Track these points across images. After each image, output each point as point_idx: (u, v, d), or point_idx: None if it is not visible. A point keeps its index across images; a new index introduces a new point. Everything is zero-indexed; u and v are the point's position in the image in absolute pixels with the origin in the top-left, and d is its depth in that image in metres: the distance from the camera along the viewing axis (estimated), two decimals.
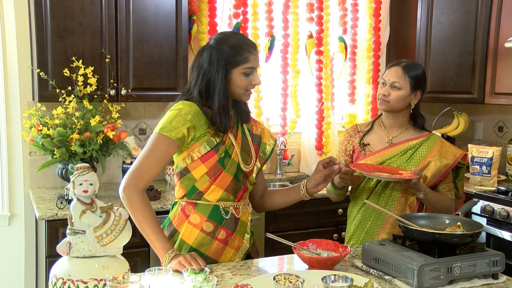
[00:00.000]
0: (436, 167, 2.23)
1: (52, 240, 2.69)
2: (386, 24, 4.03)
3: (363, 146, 2.35)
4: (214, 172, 1.92)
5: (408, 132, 2.33)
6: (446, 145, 2.31)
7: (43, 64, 2.90)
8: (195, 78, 1.95)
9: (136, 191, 1.82)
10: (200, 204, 1.96)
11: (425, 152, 2.27)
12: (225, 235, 1.97)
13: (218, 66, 1.90)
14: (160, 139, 1.86)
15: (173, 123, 1.85)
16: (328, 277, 1.59)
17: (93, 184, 1.48)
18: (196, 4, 3.41)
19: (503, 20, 3.49)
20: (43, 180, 3.27)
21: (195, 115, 1.88)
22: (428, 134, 2.33)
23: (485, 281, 1.75)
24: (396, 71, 2.27)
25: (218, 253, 1.96)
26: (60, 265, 1.47)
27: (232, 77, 1.93)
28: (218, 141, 1.92)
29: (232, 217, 1.98)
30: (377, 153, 2.30)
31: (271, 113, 3.89)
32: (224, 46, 1.92)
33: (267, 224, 3.20)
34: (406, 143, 2.29)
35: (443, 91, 3.76)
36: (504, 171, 3.72)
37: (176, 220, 1.99)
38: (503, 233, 3.07)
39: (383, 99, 2.28)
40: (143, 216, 1.82)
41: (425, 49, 3.77)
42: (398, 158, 2.26)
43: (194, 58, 1.99)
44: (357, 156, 2.35)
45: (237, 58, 1.91)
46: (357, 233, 2.33)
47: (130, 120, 3.47)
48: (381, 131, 2.37)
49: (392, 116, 2.33)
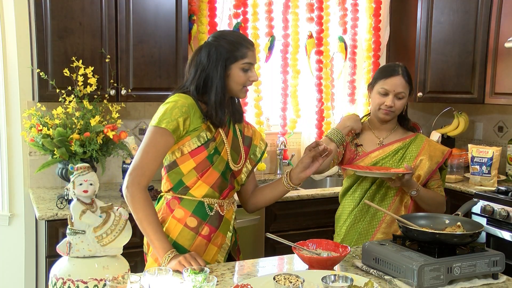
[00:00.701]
0: (427, 165, 2.27)
1: (52, 240, 2.69)
2: (386, 24, 4.03)
3: (356, 146, 2.36)
4: (202, 168, 1.93)
5: (397, 133, 2.37)
6: (433, 143, 2.36)
7: (43, 64, 2.90)
8: (193, 75, 1.95)
9: (139, 189, 1.83)
10: (185, 199, 1.96)
11: (415, 151, 2.30)
12: (208, 232, 1.97)
13: (217, 61, 1.92)
14: (158, 132, 1.85)
15: (172, 114, 1.86)
16: (328, 277, 1.59)
17: (93, 184, 1.48)
18: (196, 4, 3.41)
19: (503, 20, 3.49)
20: (43, 180, 3.27)
21: (190, 108, 1.89)
22: (414, 135, 2.37)
23: (485, 281, 1.75)
24: (400, 81, 2.25)
25: (201, 249, 1.96)
26: (60, 265, 1.47)
27: (231, 72, 1.94)
28: (209, 137, 1.92)
29: (216, 214, 1.99)
30: (370, 153, 2.32)
31: (271, 113, 3.89)
32: (222, 42, 1.94)
33: (267, 224, 3.20)
34: (396, 144, 2.32)
35: (443, 91, 3.76)
36: (504, 171, 3.72)
37: (161, 214, 1.98)
38: (503, 233, 3.07)
39: (389, 110, 2.27)
40: (145, 215, 1.82)
41: (425, 49, 3.77)
42: (390, 159, 2.29)
43: (191, 57, 2.00)
44: (349, 156, 2.36)
45: (236, 54, 1.93)
46: (349, 235, 2.33)
47: (130, 120, 3.47)
48: (370, 132, 2.39)
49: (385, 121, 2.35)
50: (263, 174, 3.81)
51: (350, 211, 2.34)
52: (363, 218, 2.30)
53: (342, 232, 2.36)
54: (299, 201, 3.28)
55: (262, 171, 3.77)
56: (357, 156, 2.34)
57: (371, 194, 2.30)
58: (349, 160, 2.36)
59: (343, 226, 2.36)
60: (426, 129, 4.16)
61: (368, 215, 2.29)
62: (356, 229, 2.32)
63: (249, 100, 3.65)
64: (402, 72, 2.27)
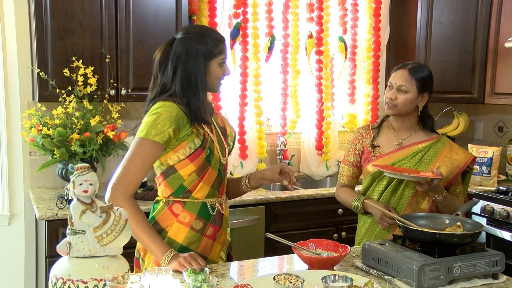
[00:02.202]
0: (446, 171, 2.21)
1: (52, 240, 2.69)
2: (386, 24, 4.03)
3: (373, 147, 2.33)
4: (202, 170, 1.93)
5: (418, 134, 2.31)
6: (455, 148, 2.30)
7: (43, 64, 2.90)
8: (171, 72, 1.93)
9: (125, 198, 1.81)
10: (188, 202, 1.95)
11: (435, 155, 2.25)
12: (213, 231, 1.98)
13: (198, 58, 1.91)
14: (145, 144, 1.83)
15: (158, 126, 1.83)
16: (328, 277, 1.59)
17: (93, 184, 1.47)
18: (196, 4, 3.41)
19: (503, 20, 3.49)
20: (43, 180, 3.27)
21: (177, 116, 1.87)
22: (437, 137, 2.31)
23: (485, 281, 1.75)
24: (402, 74, 2.25)
25: (207, 249, 1.97)
26: (60, 265, 1.47)
27: (210, 68, 1.95)
28: (202, 139, 1.92)
29: (218, 213, 2.00)
30: (387, 155, 2.28)
31: (271, 113, 3.89)
32: (199, 38, 1.93)
33: (267, 224, 3.20)
34: (415, 146, 2.27)
35: (443, 91, 3.76)
36: (504, 171, 3.72)
37: (163, 219, 1.96)
38: (503, 233, 3.07)
39: (391, 103, 2.26)
40: (135, 223, 1.80)
41: (425, 49, 3.77)
42: (407, 161, 2.25)
43: (161, 53, 1.96)
44: (366, 157, 2.34)
45: (215, 50, 1.94)
46: (367, 236, 2.33)
47: (130, 120, 3.47)
48: (390, 133, 2.35)
49: (401, 119, 2.31)
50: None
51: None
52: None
53: (362, 232, 2.35)
54: (299, 201, 3.28)
55: None
56: (373, 157, 2.31)
57: (387, 196, 2.27)
58: (365, 161, 2.34)
59: (363, 227, 2.35)
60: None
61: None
62: (372, 230, 2.31)
63: (249, 100, 3.65)
64: (410, 67, 2.25)
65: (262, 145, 3.69)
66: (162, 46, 1.98)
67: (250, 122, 3.68)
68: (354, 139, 2.41)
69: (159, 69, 1.97)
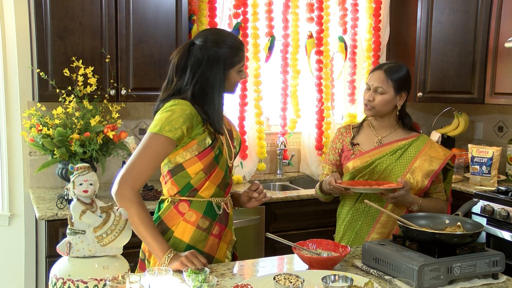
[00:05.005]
0: (426, 168, 2.23)
1: (52, 240, 2.70)
2: (386, 24, 4.03)
3: (353, 145, 2.35)
4: (210, 169, 1.93)
5: (397, 132, 2.34)
6: (435, 146, 2.32)
7: (43, 64, 2.90)
8: (189, 79, 1.92)
9: (133, 193, 1.79)
10: (194, 201, 1.95)
11: (414, 152, 2.27)
12: (219, 230, 1.98)
13: (218, 66, 1.92)
14: (158, 139, 1.82)
15: (172, 123, 1.83)
16: (328, 277, 1.59)
17: (93, 184, 1.47)
18: (196, 4, 3.41)
19: (503, 20, 3.49)
20: (43, 180, 3.27)
21: (191, 114, 1.87)
22: (417, 135, 2.34)
23: (485, 281, 1.75)
24: (378, 75, 2.26)
25: (214, 248, 1.97)
26: (60, 265, 1.47)
27: (229, 76, 1.96)
28: (213, 139, 1.93)
29: (224, 212, 2.00)
30: (367, 153, 2.30)
31: (271, 113, 3.89)
32: (223, 46, 1.92)
33: (267, 224, 3.20)
34: (395, 143, 2.30)
35: (443, 91, 3.77)
36: (504, 171, 3.72)
37: (169, 218, 1.96)
38: (503, 233, 3.07)
39: (369, 105, 2.29)
40: (140, 219, 1.79)
41: (425, 49, 3.77)
42: (387, 158, 2.27)
43: (178, 57, 1.95)
44: (345, 155, 2.36)
45: (235, 59, 1.95)
46: (347, 234, 2.33)
47: (130, 120, 3.47)
48: (370, 131, 2.38)
49: (380, 118, 2.34)
50: (263, 174, 3.81)
51: (348, 210, 2.34)
52: (359, 218, 2.30)
53: (341, 230, 2.36)
54: (299, 201, 3.28)
55: (262, 171, 3.77)
56: (353, 154, 2.33)
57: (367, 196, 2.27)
58: (345, 159, 2.36)
59: (342, 225, 2.36)
60: (426, 129, 4.16)
61: (364, 215, 2.29)
62: (353, 228, 2.32)
63: (249, 100, 3.65)
64: (386, 68, 2.26)
65: (262, 145, 3.70)
66: (180, 50, 1.96)
67: (250, 122, 3.68)
68: (334, 139, 2.44)
69: (175, 72, 1.96)
